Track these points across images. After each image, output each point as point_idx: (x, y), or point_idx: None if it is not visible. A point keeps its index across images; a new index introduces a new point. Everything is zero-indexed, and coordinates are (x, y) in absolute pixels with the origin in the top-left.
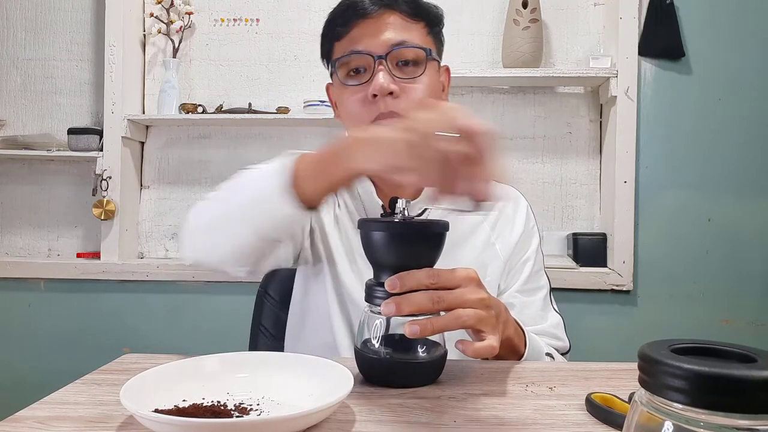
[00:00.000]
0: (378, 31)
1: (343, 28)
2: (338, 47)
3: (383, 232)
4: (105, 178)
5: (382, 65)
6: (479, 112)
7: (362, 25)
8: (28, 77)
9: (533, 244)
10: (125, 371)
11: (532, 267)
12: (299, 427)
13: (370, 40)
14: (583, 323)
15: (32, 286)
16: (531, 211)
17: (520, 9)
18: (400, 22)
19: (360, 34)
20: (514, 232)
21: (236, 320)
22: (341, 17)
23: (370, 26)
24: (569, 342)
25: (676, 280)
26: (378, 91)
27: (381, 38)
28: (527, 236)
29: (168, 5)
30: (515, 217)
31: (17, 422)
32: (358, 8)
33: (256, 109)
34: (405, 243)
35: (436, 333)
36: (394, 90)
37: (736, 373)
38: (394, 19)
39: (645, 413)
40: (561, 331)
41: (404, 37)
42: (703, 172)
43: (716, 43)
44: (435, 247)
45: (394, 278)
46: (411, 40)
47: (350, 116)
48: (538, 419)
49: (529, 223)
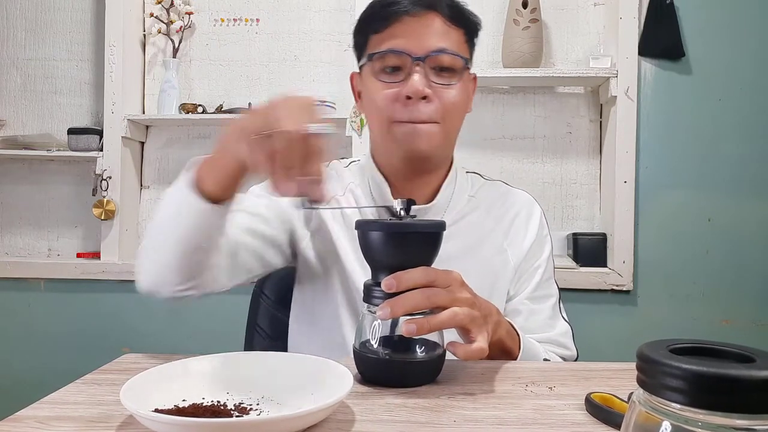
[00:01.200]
0: (419, 32)
1: (384, 23)
2: (375, 40)
3: (379, 233)
4: (105, 178)
5: (419, 67)
6: (479, 112)
7: (403, 23)
8: (28, 77)
9: (545, 252)
10: (125, 371)
11: (542, 275)
12: (299, 426)
13: (410, 40)
14: (583, 323)
15: (32, 286)
16: (544, 218)
17: (520, 9)
18: (441, 26)
19: (400, 32)
20: (526, 239)
21: (236, 320)
22: (381, 11)
23: (412, 25)
24: (577, 352)
25: (676, 280)
26: (413, 94)
27: (421, 40)
28: (539, 244)
29: (168, 5)
30: (528, 224)
31: (17, 422)
32: (402, 4)
33: None
34: (401, 243)
35: (432, 331)
36: (428, 94)
37: (734, 373)
38: (436, 21)
39: (643, 413)
40: (569, 340)
41: (444, 43)
42: (703, 172)
43: (716, 43)
44: (431, 247)
45: (390, 278)
46: (450, 46)
47: (377, 110)
48: (537, 419)
49: (542, 231)
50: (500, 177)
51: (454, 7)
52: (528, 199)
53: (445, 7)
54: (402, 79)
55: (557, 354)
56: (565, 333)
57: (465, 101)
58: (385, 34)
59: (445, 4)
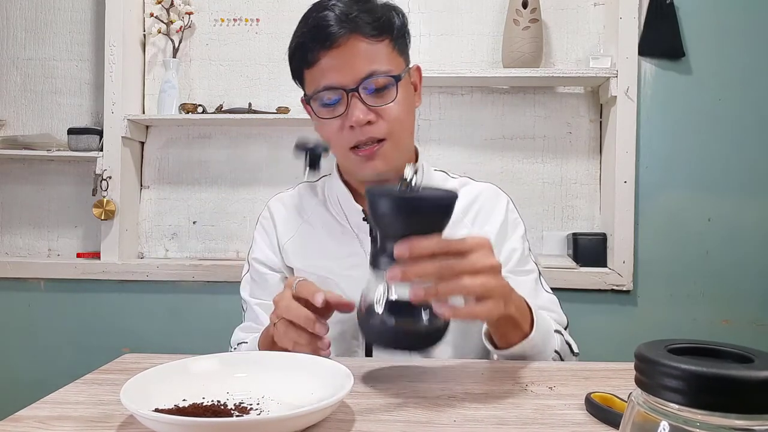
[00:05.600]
0: (346, 62)
1: (312, 56)
2: (308, 75)
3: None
4: (105, 178)
5: (355, 97)
6: (479, 112)
7: (330, 56)
8: (28, 77)
9: (518, 232)
10: (125, 371)
11: (520, 254)
12: (299, 426)
13: (340, 73)
14: (583, 323)
15: (32, 286)
16: (513, 204)
17: (520, 9)
18: (365, 46)
19: (329, 66)
20: (494, 225)
21: (236, 320)
22: (309, 44)
23: (338, 57)
24: (567, 318)
25: (676, 280)
26: (355, 123)
27: (350, 70)
28: (509, 226)
29: (168, 5)
30: (493, 210)
31: (17, 422)
32: (323, 36)
33: (256, 109)
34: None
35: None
36: (370, 119)
37: (732, 374)
38: (360, 43)
39: (641, 413)
40: (557, 306)
41: (372, 66)
42: (703, 172)
43: (716, 43)
44: (443, 217)
45: (403, 245)
46: (379, 67)
47: (330, 141)
48: (537, 419)
49: (510, 215)
50: (500, 177)
51: (375, 22)
52: (493, 189)
53: (365, 26)
54: (342, 111)
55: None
56: (551, 301)
57: (409, 106)
58: (316, 70)
59: (365, 22)
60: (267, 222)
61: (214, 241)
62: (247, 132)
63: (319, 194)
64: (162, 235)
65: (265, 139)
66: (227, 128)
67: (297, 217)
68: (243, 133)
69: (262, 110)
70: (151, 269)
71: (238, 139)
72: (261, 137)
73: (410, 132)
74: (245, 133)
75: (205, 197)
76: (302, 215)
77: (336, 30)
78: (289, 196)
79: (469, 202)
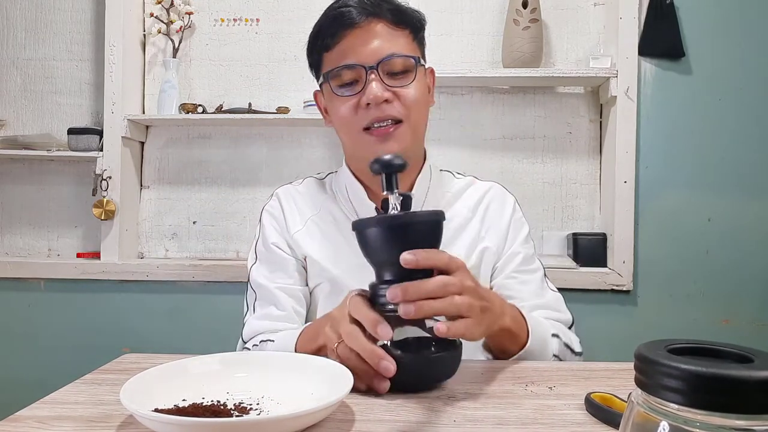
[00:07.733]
0: (367, 42)
1: (332, 39)
2: (328, 58)
3: (377, 229)
4: (105, 178)
5: (374, 75)
6: (479, 112)
7: (351, 36)
8: (28, 77)
9: (522, 234)
10: (125, 371)
11: (524, 255)
12: (299, 426)
13: (360, 52)
14: (583, 323)
15: (32, 286)
16: (518, 204)
17: (520, 9)
18: (387, 30)
19: (349, 46)
20: (502, 225)
21: (236, 320)
22: (329, 28)
23: (359, 37)
24: (572, 315)
25: (676, 280)
26: (372, 101)
27: (370, 49)
28: (516, 227)
29: (168, 5)
30: (502, 211)
31: (17, 422)
32: (346, 19)
33: (256, 109)
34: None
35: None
36: (387, 97)
37: (732, 374)
38: (381, 27)
39: (641, 413)
40: (562, 305)
41: (392, 48)
42: (703, 172)
43: (716, 43)
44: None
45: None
46: (399, 50)
47: (343, 123)
48: (537, 419)
49: (516, 215)
50: (500, 177)
51: (396, 11)
52: (500, 188)
53: (387, 12)
54: (360, 89)
55: (554, 319)
56: (556, 299)
57: (425, 96)
58: (336, 51)
59: (387, 9)
60: (276, 211)
61: (214, 241)
62: (247, 132)
63: (327, 190)
64: (162, 235)
65: (265, 139)
66: (227, 128)
67: (306, 210)
68: (243, 133)
69: (262, 110)
70: (151, 269)
71: (238, 139)
72: (261, 137)
73: (424, 123)
74: (245, 133)
75: (205, 197)
76: (311, 209)
77: (358, 13)
78: (297, 188)
79: (477, 201)
